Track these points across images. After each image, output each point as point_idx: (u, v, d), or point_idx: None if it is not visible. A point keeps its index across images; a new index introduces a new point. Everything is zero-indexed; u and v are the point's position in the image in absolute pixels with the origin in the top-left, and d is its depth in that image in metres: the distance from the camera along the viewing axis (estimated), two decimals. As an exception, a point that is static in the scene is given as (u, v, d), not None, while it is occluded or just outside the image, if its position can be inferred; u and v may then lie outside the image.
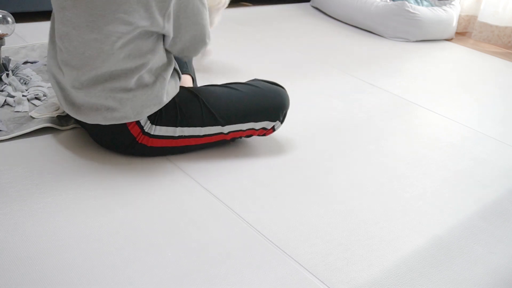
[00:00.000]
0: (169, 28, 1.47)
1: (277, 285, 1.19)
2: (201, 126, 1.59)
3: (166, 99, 1.53)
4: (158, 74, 1.51)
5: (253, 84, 1.69)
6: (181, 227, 1.34)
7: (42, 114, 1.72)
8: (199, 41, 1.57)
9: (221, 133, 1.63)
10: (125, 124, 1.51)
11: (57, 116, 1.71)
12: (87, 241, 1.24)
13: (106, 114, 1.49)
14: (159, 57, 1.51)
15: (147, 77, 1.49)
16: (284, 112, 1.71)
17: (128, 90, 1.47)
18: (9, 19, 1.87)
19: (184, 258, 1.24)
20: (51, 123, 1.67)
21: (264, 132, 1.71)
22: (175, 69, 1.62)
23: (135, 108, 1.49)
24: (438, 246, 1.41)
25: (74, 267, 1.16)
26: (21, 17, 2.66)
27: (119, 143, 1.57)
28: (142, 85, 1.49)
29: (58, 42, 1.51)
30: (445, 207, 1.60)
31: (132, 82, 1.47)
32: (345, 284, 1.23)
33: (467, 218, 1.56)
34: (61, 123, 1.70)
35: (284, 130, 1.75)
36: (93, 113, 1.51)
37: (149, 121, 1.53)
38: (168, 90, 1.54)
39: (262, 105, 1.66)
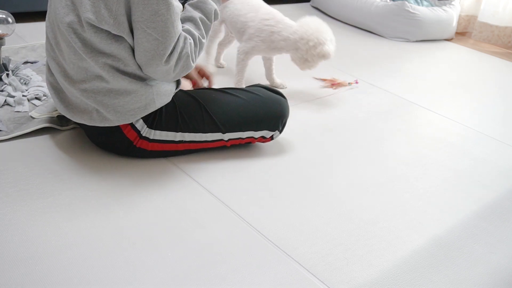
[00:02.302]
0: (121, 29, 1.36)
1: (277, 285, 1.19)
2: (202, 132, 1.59)
3: (158, 105, 1.49)
4: (141, 80, 1.45)
5: (255, 92, 1.67)
6: (181, 227, 1.34)
7: (42, 114, 1.72)
8: (154, 57, 1.38)
9: (222, 139, 1.63)
10: (119, 127, 1.50)
11: (57, 116, 1.71)
12: (87, 241, 1.24)
13: (91, 115, 1.47)
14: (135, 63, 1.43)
15: (126, 82, 1.43)
16: (283, 122, 1.71)
17: (105, 93, 1.44)
18: (9, 19, 1.87)
19: (184, 258, 1.23)
20: (51, 123, 1.67)
21: (263, 140, 1.71)
22: None
23: (116, 112, 1.45)
24: (438, 246, 1.41)
25: (74, 267, 1.16)
26: (21, 17, 2.66)
27: (116, 146, 1.56)
28: (121, 90, 1.43)
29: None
30: (445, 207, 1.60)
31: (107, 84, 1.43)
32: (345, 284, 1.23)
33: (467, 218, 1.56)
34: (61, 123, 1.70)
35: (284, 130, 1.75)
36: (80, 113, 1.49)
37: (146, 126, 1.52)
38: (158, 98, 1.48)
39: (263, 114, 1.65)
